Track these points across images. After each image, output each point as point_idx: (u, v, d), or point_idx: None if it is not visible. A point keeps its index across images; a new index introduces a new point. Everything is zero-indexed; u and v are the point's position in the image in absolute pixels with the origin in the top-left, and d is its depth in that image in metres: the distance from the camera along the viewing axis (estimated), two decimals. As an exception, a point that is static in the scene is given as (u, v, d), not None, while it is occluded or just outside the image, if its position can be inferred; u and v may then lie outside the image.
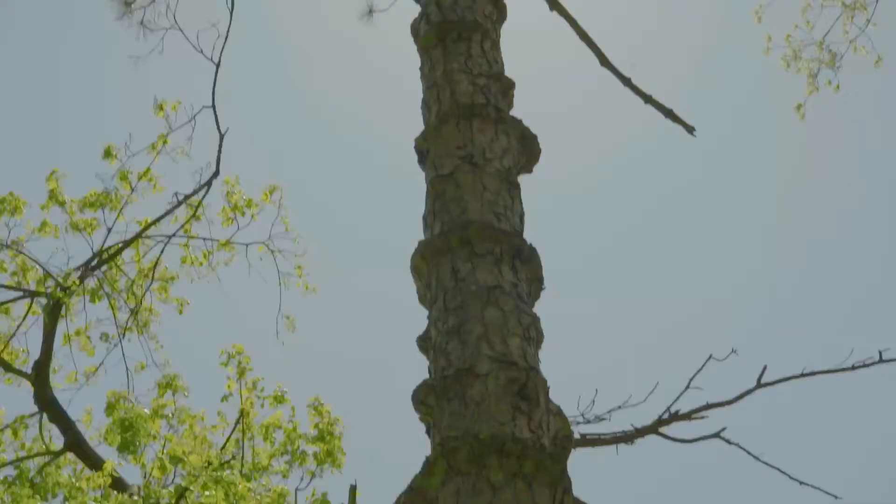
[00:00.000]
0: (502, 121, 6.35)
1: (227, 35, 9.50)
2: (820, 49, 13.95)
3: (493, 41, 7.05)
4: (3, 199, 11.78)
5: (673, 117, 10.08)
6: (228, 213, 12.08)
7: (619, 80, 10.16)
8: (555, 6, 10.56)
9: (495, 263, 5.53)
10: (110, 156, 11.66)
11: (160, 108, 11.41)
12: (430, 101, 6.62)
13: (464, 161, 6.02)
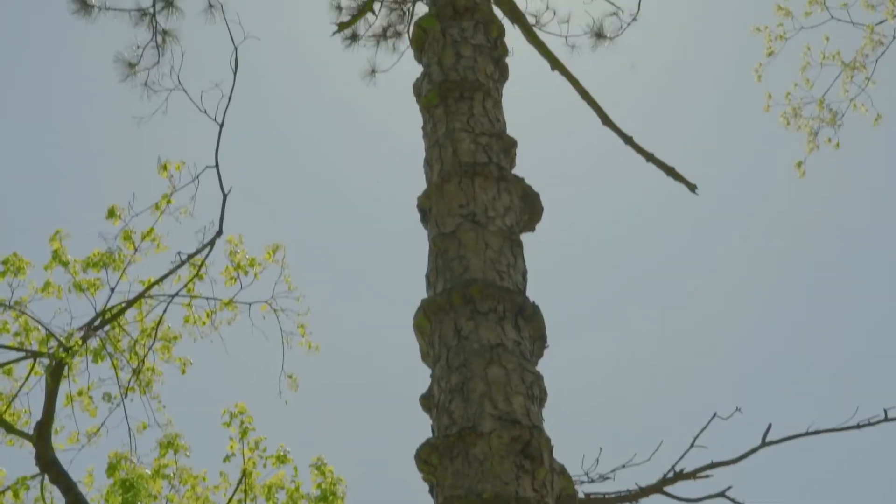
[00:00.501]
0: (504, 179, 6.37)
1: (230, 95, 9.56)
2: (820, 107, 14.03)
3: (495, 100, 7.09)
4: (7, 259, 11.79)
5: (675, 175, 10.12)
6: (231, 272, 12.09)
7: (621, 138, 10.21)
8: (556, 66, 10.64)
9: (498, 321, 5.53)
10: (114, 216, 11.68)
11: (164, 168, 11.45)
12: (433, 160, 6.65)
13: (466, 219, 6.04)
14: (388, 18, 12.30)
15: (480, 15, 7.65)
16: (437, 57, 7.29)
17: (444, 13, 7.65)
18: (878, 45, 13.95)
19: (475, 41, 7.40)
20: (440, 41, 7.40)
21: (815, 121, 13.97)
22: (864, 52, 13.99)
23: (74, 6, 11.11)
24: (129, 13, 11.47)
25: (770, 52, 14.12)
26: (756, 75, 14.23)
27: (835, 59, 14.08)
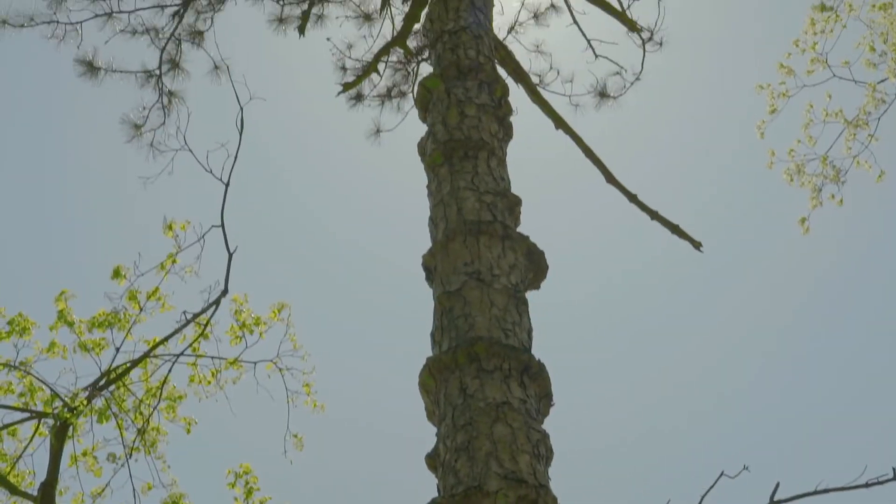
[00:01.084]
0: (509, 237, 6.39)
1: (236, 155, 9.60)
2: (823, 164, 14.08)
3: (499, 159, 7.12)
4: (12, 320, 11.80)
5: (679, 233, 10.15)
6: (237, 331, 12.08)
7: (626, 196, 10.26)
8: (560, 125, 10.71)
9: (503, 380, 5.51)
10: (119, 276, 11.70)
11: (169, 228, 11.48)
12: (437, 218, 6.67)
13: (471, 277, 6.05)
14: (393, 79, 12.41)
15: (484, 75, 7.71)
16: (442, 116, 7.33)
17: (448, 73, 7.71)
18: (880, 103, 14.02)
19: (479, 101, 7.45)
20: (444, 101, 7.45)
21: (818, 177, 14.02)
22: (866, 110, 14.06)
23: (81, 69, 11.22)
24: (135, 75, 11.57)
25: (773, 110, 14.20)
26: (759, 132, 14.30)
27: (837, 116, 14.15)
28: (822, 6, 14.19)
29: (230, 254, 9.99)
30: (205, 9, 11.86)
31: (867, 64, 14.10)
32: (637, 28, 11.48)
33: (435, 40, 8.25)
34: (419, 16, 11.30)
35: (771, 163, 14.23)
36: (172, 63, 11.74)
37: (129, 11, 11.42)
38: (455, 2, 8.45)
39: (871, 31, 14.09)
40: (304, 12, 12.17)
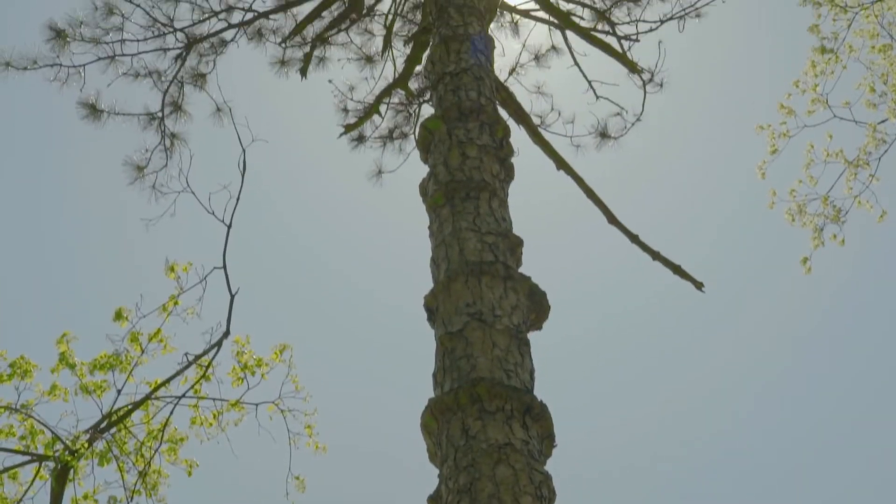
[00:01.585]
0: (511, 278, 6.38)
1: (238, 197, 9.63)
2: (825, 204, 14.08)
3: (501, 200, 7.13)
4: (14, 362, 11.77)
5: (681, 273, 10.14)
6: (238, 372, 12.05)
7: (627, 237, 10.26)
8: (562, 165, 10.73)
9: (506, 421, 5.49)
10: (121, 318, 11.69)
11: (171, 270, 11.49)
12: (439, 259, 6.67)
13: (473, 318, 6.04)
14: (394, 120, 12.46)
15: (486, 116, 7.73)
16: (444, 157, 7.35)
17: (449, 115, 7.73)
18: (881, 144, 14.05)
19: (481, 142, 7.47)
20: (446, 142, 7.47)
21: (819, 217, 14.02)
22: (866, 150, 14.09)
23: (84, 111, 11.26)
24: (137, 117, 11.62)
25: (774, 150, 14.23)
26: (760, 173, 14.32)
27: (838, 156, 14.18)
28: (822, 48, 14.26)
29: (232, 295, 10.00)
30: (207, 52, 11.92)
31: (867, 104, 14.15)
32: (638, 69, 11.53)
33: (436, 82, 8.28)
34: (420, 58, 11.37)
35: (772, 203, 14.25)
36: (175, 105, 11.79)
37: (132, 55, 11.49)
38: (456, 44, 8.50)
39: (871, 72, 14.15)
40: (306, 55, 12.24)
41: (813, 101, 14.19)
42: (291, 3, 12.00)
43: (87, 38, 11.27)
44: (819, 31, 14.25)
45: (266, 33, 12.29)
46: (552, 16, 11.81)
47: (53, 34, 11.12)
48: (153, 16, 11.45)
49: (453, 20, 8.81)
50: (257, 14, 11.91)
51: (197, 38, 11.73)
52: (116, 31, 11.38)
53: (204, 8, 11.71)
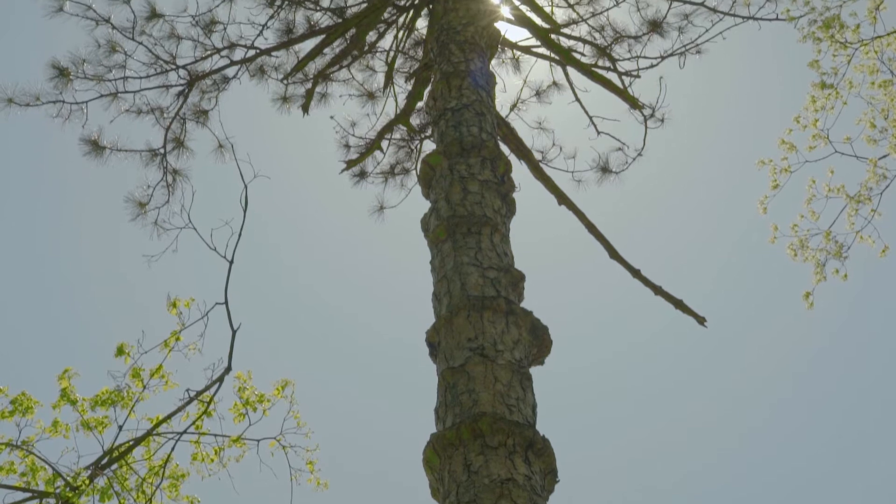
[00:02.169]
0: (513, 313, 6.38)
1: (240, 233, 9.63)
2: (827, 240, 14.08)
3: (502, 235, 7.14)
4: (15, 399, 11.75)
5: (683, 308, 10.13)
6: (240, 408, 12.03)
7: (629, 272, 10.26)
8: (563, 200, 10.75)
9: (508, 456, 5.47)
10: (123, 353, 11.68)
11: (173, 306, 11.49)
12: (441, 294, 6.67)
13: (475, 353, 6.03)
14: (396, 156, 12.50)
15: (487, 151, 7.75)
16: (445, 193, 7.37)
17: (451, 150, 7.75)
18: (882, 179, 14.06)
19: (482, 177, 7.49)
20: (448, 177, 7.49)
21: (821, 252, 14.02)
22: (868, 186, 14.10)
23: (86, 148, 11.30)
24: (140, 154, 11.66)
25: (775, 185, 14.24)
26: (761, 208, 14.34)
27: (839, 192, 14.19)
28: (822, 84, 14.30)
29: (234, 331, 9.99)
30: (209, 88, 11.98)
31: (868, 140, 14.18)
32: (639, 105, 11.57)
33: (438, 118, 8.31)
34: (422, 94, 11.42)
35: (774, 237, 14.26)
36: (177, 142, 11.83)
37: (135, 91, 11.54)
38: (458, 80, 8.53)
39: (871, 107, 14.19)
40: (308, 91, 12.29)
41: (814, 136, 14.22)
42: (293, 41, 12.07)
43: (89, 75, 11.33)
44: (819, 67, 14.29)
45: (268, 70, 12.35)
46: (553, 52, 11.86)
47: (56, 72, 11.17)
48: (156, 53, 11.52)
49: (454, 56, 8.86)
50: (259, 51, 11.97)
51: (199, 75, 11.78)
52: (119, 69, 11.44)
53: (206, 45, 11.78)
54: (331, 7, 12.23)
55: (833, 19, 14.07)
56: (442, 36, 9.28)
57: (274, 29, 12.06)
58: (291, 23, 12.10)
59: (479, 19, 9.48)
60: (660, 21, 11.72)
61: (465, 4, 9.69)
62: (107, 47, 11.36)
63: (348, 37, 12.13)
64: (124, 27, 11.30)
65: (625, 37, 11.86)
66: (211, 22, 11.81)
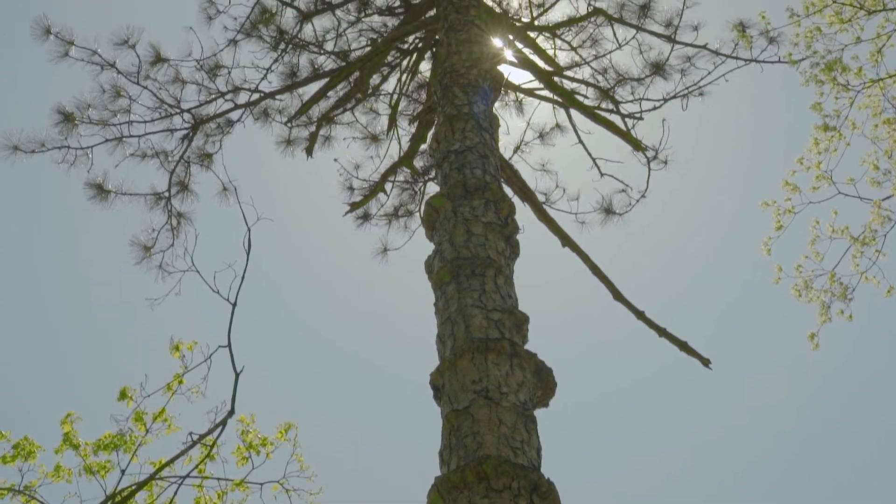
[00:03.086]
0: (517, 355, 6.35)
1: (243, 275, 9.62)
2: (832, 281, 14.07)
3: (506, 277, 7.12)
4: (18, 443, 11.74)
5: (687, 350, 10.09)
6: (243, 451, 12.00)
7: (633, 313, 10.23)
8: (567, 242, 10.74)
9: (513, 499, 5.43)
10: (126, 397, 11.66)
11: (176, 349, 11.48)
12: (445, 336, 6.65)
13: (479, 395, 6.00)
14: (400, 198, 12.52)
15: (491, 193, 7.75)
16: (449, 235, 7.36)
17: (454, 192, 7.75)
18: (886, 220, 14.06)
19: (486, 219, 7.48)
20: (451, 219, 7.48)
21: (826, 293, 14.00)
22: (872, 227, 14.10)
23: (91, 192, 11.32)
24: (144, 197, 11.68)
25: (779, 226, 14.25)
26: (765, 249, 14.34)
27: (843, 233, 14.19)
28: (825, 126, 14.34)
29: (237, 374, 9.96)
30: (214, 132, 12.02)
31: (871, 182, 14.20)
32: (642, 147, 11.59)
33: (441, 160, 8.32)
34: (425, 136, 11.45)
35: (778, 278, 14.25)
36: (181, 185, 11.86)
37: (139, 136, 11.58)
38: (461, 122, 8.55)
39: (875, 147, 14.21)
40: (312, 134, 12.33)
41: (817, 177, 14.25)
42: (297, 84, 12.12)
43: (94, 120, 11.37)
44: (821, 109, 14.34)
45: (272, 113, 12.41)
46: (556, 95, 11.90)
47: (62, 117, 11.22)
48: (160, 97, 11.57)
49: (458, 99, 8.88)
50: (263, 95, 12.02)
51: (204, 119, 11.82)
52: (124, 113, 11.49)
53: (211, 89, 11.83)
54: (334, 51, 12.29)
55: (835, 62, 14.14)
56: (445, 79, 9.32)
57: (278, 72, 12.13)
58: (295, 66, 12.17)
59: (482, 62, 9.51)
60: (662, 63, 11.76)
61: (469, 48, 9.73)
62: (112, 92, 11.41)
63: (352, 80, 12.19)
64: (129, 72, 11.35)
65: (627, 79, 11.90)
66: (215, 66, 11.87)
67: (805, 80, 14.28)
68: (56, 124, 11.21)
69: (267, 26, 12.06)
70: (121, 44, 11.17)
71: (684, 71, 11.75)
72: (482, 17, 10.79)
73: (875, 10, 14.07)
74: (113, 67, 11.29)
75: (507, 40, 11.82)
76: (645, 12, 11.67)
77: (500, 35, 11.61)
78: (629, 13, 11.78)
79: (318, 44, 12.28)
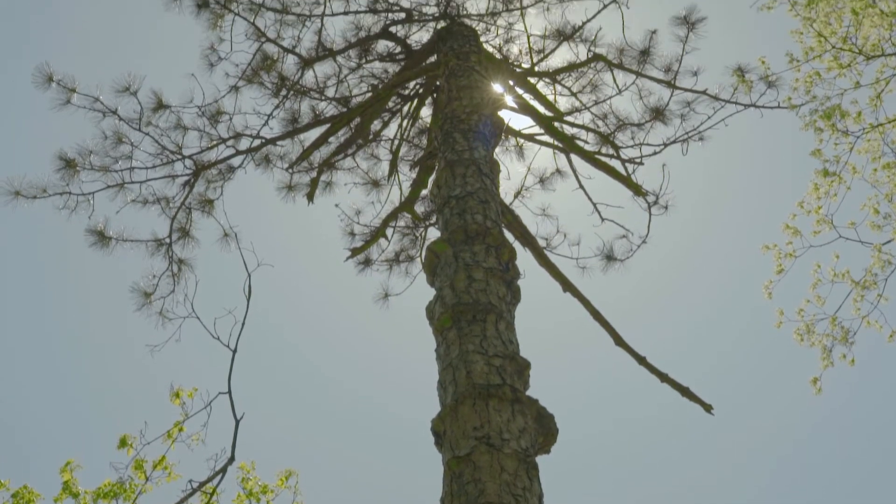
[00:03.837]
0: (519, 401, 6.32)
1: (244, 322, 9.60)
2: (833, 325, 14.03)
3: (507, 322, 7.10)
4: (17, 492, 11.67)
5: (689, 396, 10.04)
6: (244, 499, 11.93)
7: (635, 359, 10.19)
8: (568, 288, 10.72)
9: (515, 547, 5.39)
10: (126, 445, 11.60)
11: (176, 396, 11.44)
12: (446, 382, 6.62)
13: (481, 442, 5.96)
14: (401, 243, 12.52)
15: (492, 239, 7.74)
16: (450, 280, 7.34)
17: (455, 237, 7.74)
18: (886, 265, 14.05)
19: (487, 264, 7.47)
20: (452, 265, 7.47)
21: (827, 338, 13.96)
22: (873, 271, 14.09)
23: (92, 238, 11.31)
24: (145, 244, 11.68)
25: (780, 270, 14.24)
26: (766, 293, 14.32)
27: (844, 277, 14.18)
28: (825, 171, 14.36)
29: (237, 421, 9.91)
30: (215, 178, 12.04)
31: (872, 226, 14.20)
32: (642, 192, 11.59)
33: (442, 205, 8.32)
34: (426, 182, 11.47)
35: (780, 322, 14.22)
36: (182, 231, 11.86)
37: (141, 182, 11.59)
38: (462, 168, 8.56)
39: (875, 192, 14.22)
40: (313, 180, 12.35)
41: (818, 221, 14.25)
42: (298, 130, 12.15)
43: (96, 166, 11.38)
44: (821, 155, 14.36)
45: (273, 159, 12.43)
46: (557, 140, 11.92)
47: (63, 163, 11.23)
48: (162, 143, 11.59)
49: (458, 145, 8.90)
50: (265, 141, 12.05)
51: (205, 165, 11.84)
52: (125, 159, 11.50)
53: (212, 135, 11.86)
54: (336, 97, 12.34)
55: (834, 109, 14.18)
56: (446, 124, 9.34)
57: (279, 118, 12.16)
58: (297, 112, 12.20)
59: (482, 108, 9.54)
60: (662, 109, 11.79)
61: (469, 93, 9.77)
62: (113, 138, 11.43)
63: (353, 126, 12.22)
64: (131, 118, 11.38)
65: (627, 124, 11.93)
66: (217, 112, 11.90)
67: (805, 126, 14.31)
68: (58, 170, 11.23)
69: (268, 73, 12.11)
70: (122, 91, 11.21)
71: (684, 116, 11.78)
72: (483, 63, 10.84)
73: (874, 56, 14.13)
74: (115, 114, 11.32)
75: (508, 86, 11.86)
76: (644, 58, 11.72)
77: (500, 81, 11.65)
78: (629, 59, 11.82)
79: (319, 90, 12.33)
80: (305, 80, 12.30)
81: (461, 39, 11.25)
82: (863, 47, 14.22)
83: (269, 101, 12.13)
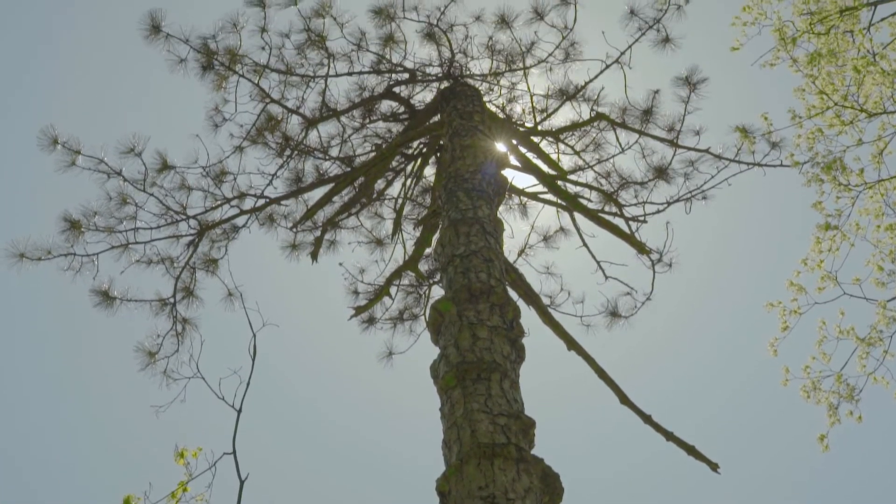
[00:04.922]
0: (524, 460, 6.29)
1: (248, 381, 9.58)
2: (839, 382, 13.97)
3: (512, 381, 7.08)
4: (19, 549, 11.57)
5: (695, 454, 9.99)
6: (248, 562, 11.82)
7: (640, 417, 10.15)
8: (572, 346, 10.70)
9: None
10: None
11: (181, 456, 11.38)
12: (451, 441, 6.59)
13: (486, 502, 5.93)
14: (405, 302, 12.52)
15: (496, 297, 7.74)
16: (454, 339, 7.33)
17: (459, 296, 7.74)
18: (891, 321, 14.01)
19: (491, 323, 7.46)
20: (456, 323, 7.47)
21: (833, 395, 13.89)
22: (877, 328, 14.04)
23: (97, 299, 11.32)
24: (150, 303, 11.68)
25: (785, 327, 14.20)
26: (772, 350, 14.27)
27: (849, 334, 14.13)
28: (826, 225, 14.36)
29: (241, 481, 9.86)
30: (219, 237, 12.07)
31: (876, 283, 14.18)
32: (646, 250, 11.61)
33: (446, 264, 8.33)
34: (430, 240, 11.49)
35: (786, 380, 14.15)
36: (186, 291, 11.87)
37: (145, 242, 11.62)
38: (465, 227, 8.57)
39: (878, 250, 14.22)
40: (317, 239, 12.38)
41: (823, 277, 14.23)
42: (302, 189, 12.20)
43: (100, 227, 11.43)
44: (823, 208, 14.37)
45: (277, 218, 12.47)
46: (560, 198, 11.96)
47: (68, 224, 11.27)
48: (166, 204, 11.64)
49: (462, 203, 8.92)
50: (269, 200, 12.09)
51: (209, 225, 11.88)
52: (130, 220, 11.55)
53: (216, 195, 11.91)
54: (339, 156, 12.40)
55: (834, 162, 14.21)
56: (450, 183, 9.37)
57: (283, 178, 12.22)
58: (301, 172, 12.26)
59: (486, 166, 9.59)
60: (665, 167, 11.84)
61: (473, 153, 9.82)
62: (118, 199, 11.48)
63: (357, 185, 12.27)
64: (135, 179, 11.44)
65: (631, 183, 11.98)
66: (221, 172, 11.96)
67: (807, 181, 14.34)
68: (62, 231, 11.27)
69: (272, 133, 12.19)
70: (127, 152, 11.28)
71: (687, 175, 11.83)
72: (486, 123, 10.90)
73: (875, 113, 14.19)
74: (119, 175, 11.38)
75: (511, 145, 11.92)
76: (647, 117, 11.79)
77: (503, 140, 11.71)
78: (632, 118, 11.89)
79: (323, 149, 12.40)
80: (309, 140, 12.38)
81: (465, 99, 11.32)
82: (864, 105, 14.28)
83: (273, 161, 12.20)
